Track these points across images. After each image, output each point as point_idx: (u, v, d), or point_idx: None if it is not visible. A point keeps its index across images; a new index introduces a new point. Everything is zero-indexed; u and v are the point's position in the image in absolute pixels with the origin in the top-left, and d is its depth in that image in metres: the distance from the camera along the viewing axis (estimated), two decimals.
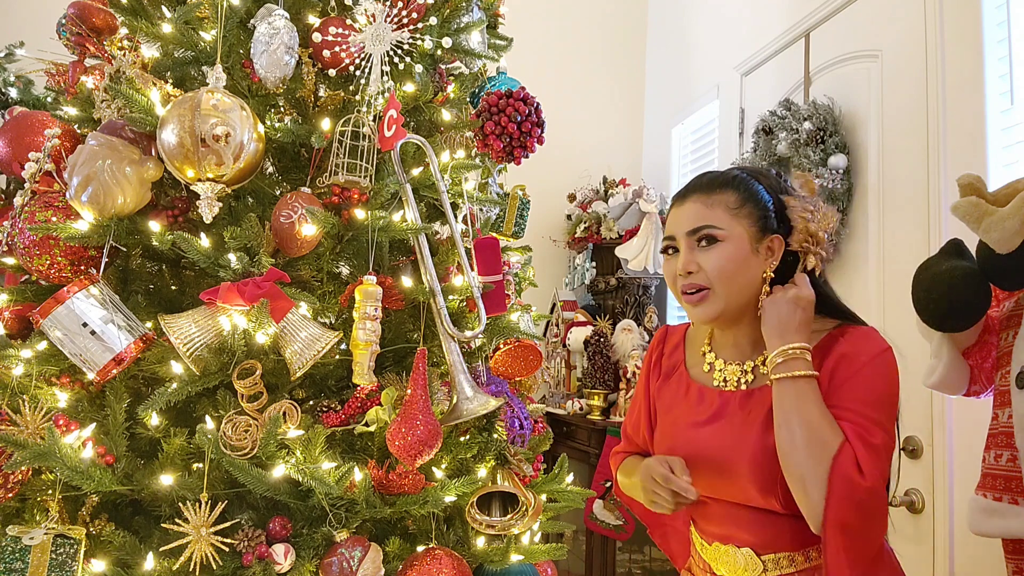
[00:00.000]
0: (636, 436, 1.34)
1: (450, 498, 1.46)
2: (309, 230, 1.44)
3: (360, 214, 1.51)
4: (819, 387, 1.06)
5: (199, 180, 1.39)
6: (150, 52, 1.66)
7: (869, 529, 1.00)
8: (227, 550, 1.29)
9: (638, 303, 3.54)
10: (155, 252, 1.55)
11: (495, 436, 1.57)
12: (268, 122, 1.51)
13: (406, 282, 1.56)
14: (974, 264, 1.31)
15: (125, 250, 1.55)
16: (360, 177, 1.50)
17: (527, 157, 1.77)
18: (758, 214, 1.12)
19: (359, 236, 1.52)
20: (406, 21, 1.56)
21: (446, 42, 1.66)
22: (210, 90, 1.40)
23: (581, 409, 3.31)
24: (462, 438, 1.57)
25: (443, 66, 1.89)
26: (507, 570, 1.53)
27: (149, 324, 1.45)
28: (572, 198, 3.88)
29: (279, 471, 1.33)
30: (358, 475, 1.38)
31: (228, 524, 1.31)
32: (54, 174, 1.49)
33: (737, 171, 1.17)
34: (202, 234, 1.48)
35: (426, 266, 1.52)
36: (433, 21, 1.63)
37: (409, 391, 1.39)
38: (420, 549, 1.45)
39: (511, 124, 1.71)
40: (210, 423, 1.38)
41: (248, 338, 1.39)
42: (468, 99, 1.89)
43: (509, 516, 1.54)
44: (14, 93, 2.89)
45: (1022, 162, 1.83)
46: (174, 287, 1.59)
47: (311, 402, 1.53)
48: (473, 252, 1.58)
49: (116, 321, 1.37)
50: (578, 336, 3.48)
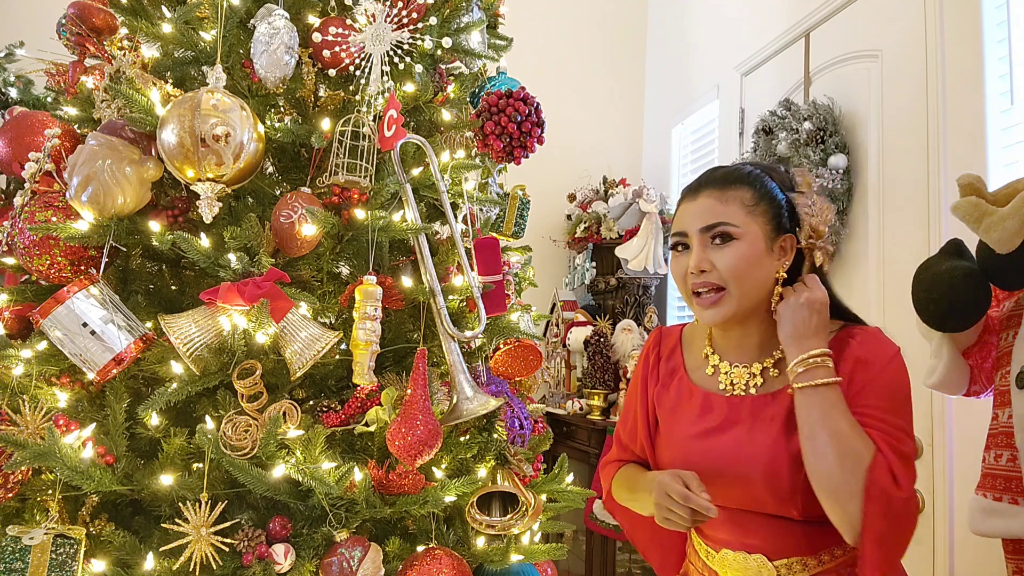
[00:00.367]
0: (632, 444, 1.27)
1: (450, 498, 1.46)
2: (309, 230, 1.44)
3: (360, 214, 1.51)
4: None
5: (199, 180, 1.39)
6: (150, 52, 1.66)
7: (904, 538, 0.99)
8: (227, 550, 1.29)
9: (638, 303, 3.55)
10: (155, 252, 1.55)
11: (495, 436, 1.57)
12: (268, 122, 1.50)
13: (406, 282, 1.56)
14: (974, 264, 1.31)
15: (125, 250, 1.55)
16: (360, 177, 1.50)
17: (527, 157, 1.77)
18: (772, 212, 1.09)
19: (359, 236, 1.52)
20: (406, 21, 1.56)
21: (446, 42, 1.66)
22: (210, 90, 1.40)
23: (581, 409, 3.31)
24: (462, 438, 1.57)
25: (443, 66, 1.89)
26: (507, 570, 1.53)
27: (149, 324, 1.45)
28: (572, 198, 3.88)
29: (279, 471, 1.33)
30: (358, 475, 1.38)
31: (228, 524, 1.31)
32: (54, 174, 1.49)
33: (750, 167, 1.13)
34: (202, 234, 1.48)
35: (426, 266, 1.52)
36: (433, 21, 1.63)
37: (409, 391, 1.39)
38: (420, 549, 1.45)
39: (511, 124, 1.71)
40: (210, 423, 1.37)
41: (248, 338, 1.39)
42: (468, 99, 1.89)
43: (509, 516, 1.54)
44: (14, 93, 2.89)
45: (1022, 162, 1.83)
46: (174, 287, 1.59)
47: (311, 402, 1.53)
48: (473, 252, 1.58)
49: (116, 321, 1.37)
50: (578, 336, 3.48)
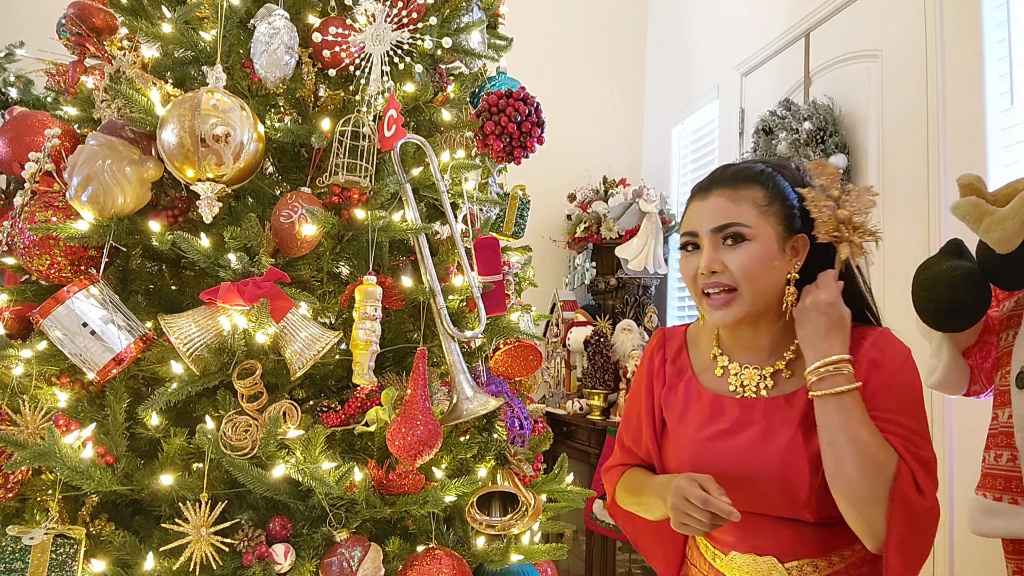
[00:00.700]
0: (637, 448, 1.24)
1: (450, 498, 1.46)
2: (309, 230, 1.44)
3: (360, 214, 1.51)
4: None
5: (199, 180, 1.39)
6: (150, 52, 1.66)
7: (927, 547, 0.99)
8: (227, 550, 1.29)
9: (638, 303, 3.55)
10: (155, 252, 1.55)
11: (495, 436, 1.57)
12: (268, 122, 1.50)
13: (406, 282, 1.56)
14: (974, 264, 1.31)
15: (125, 250, 1.55)
16: (360, 177, 1.50)
17: (527, 157, 1.77)
18: (785, 212, 1.07)
19: (359, 236, 1.52)
20: (406, 21, 1.56)
21: (446, 42, 1.66)
22: (210, 90, 1.40)
23: (581, 409, 3.31)
24: (462, 438, 1.57)
25: (443, 66, 1.89)
26: (507, 570, 1.53)
27: (149, 324, 1.45)
28: (572, 198, 3.88)
29: (279, 471, 1.33)
30: (358, 475, 1.38)
31: (228, 524, 1.31)
32: (54, 174, 1.49)
33: (762, 165, 1.11)
34: (202, 234, 1.48)
35: (426, 266, 1.51)
36: (433, 21, 1.63)
37: (409, 391, 1.39)
38: (420, 549, 1.45)
39: (511, 124, 1.71)
40: (210, 423, 1.37)
41: (248, 338, 1.39)
42: (468, 99, 1.89)
43: (509, 516, 1.54)
44: (14, 93, 2.89)
45: (1022, 162, 1.83)
46: (174, 287, 1.59)
47: (311, 402, 1.53)
48: (473, 252, 1.58)
49: (116, 321, 1.37)
50: (578, 336, 3.48)
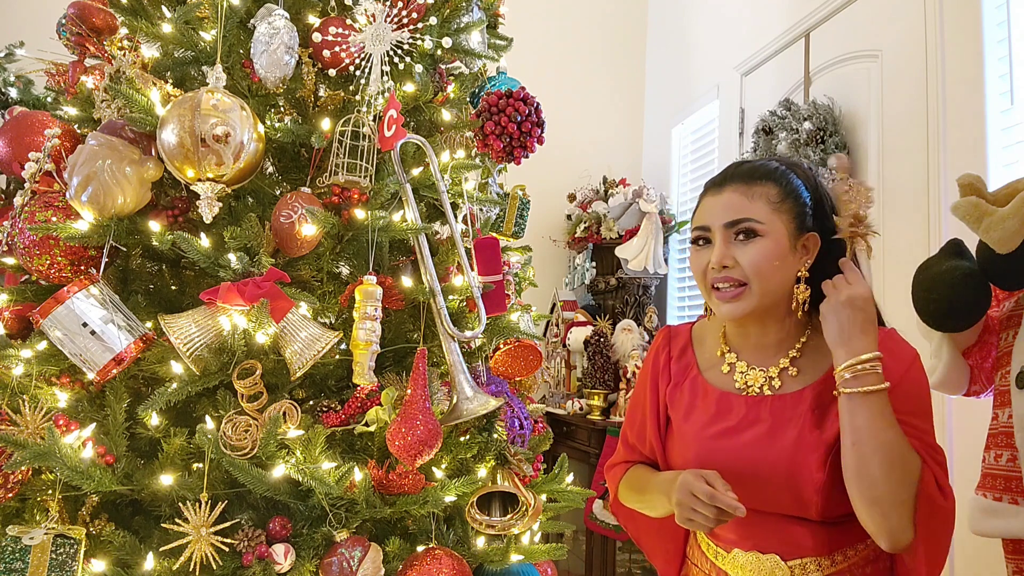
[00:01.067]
0: (641, 446, 1.24)
1: (450, 498, 1.46)
2: (309, 230, 1.44)
3: (360, 214, 1.51)
4: None
5: (199, 180, 1.39)
6: (150, 52, 1.66)
7: (947, 546, 1.00)
8: (227, 550, 1.29)
9: (638, 303, 3.55)
10: (155, 252, 1.55)
11: (495, 436, 1.57)
12: (268, 122, 1.50)
13: (406, 282, 1.56)
14: (974, 264, 1.31)
15: (125, 250, 1.55)
16: (360, 177, 1.50)
17: (527, 157, 1.77)
18: (797, 210, 1.07)
19: (359, 236, 1.52)
20: (406, 21, 1.56)
21: (446, 42, 1.66)
22: (210, 90, 1.40)
23: (581, 409, 3.31)
24: (462, 438, 1.57)
25: (443, 66, 1.89)
26: (507, 570, 1.53)
27: (149, 324, 1.45)
28: (572, 198, 3.88)
29: (279, 471, 1.33)
30: (358, 475, 1.38)
31: (228, 524, 1.31)
32: (54, 174, 1.49)
33: (776, 162, 1.12)
34: (202, 234, 1.48)
35: (426, 266, 1.52)
36: (433, 21, 1.63)
37: (409, 391, 1.39)
38: (420, 549, 1.45)
39: (511, 124, 1.71)
40: (210, 423, 1.37)
41: (248, 338, 1.39)
42: (468, 99, 1.89)
43: (509, 516, 1.54)
44: (14, 93, 2.89)
45: (1022, 162, 1.83)
46: (174, 287, 1.59)
47: (311, 402, 1.53)
48: (473, 252, 1.58)
49: (116, 321, 1.37)
50: (578, 336, 3.48)
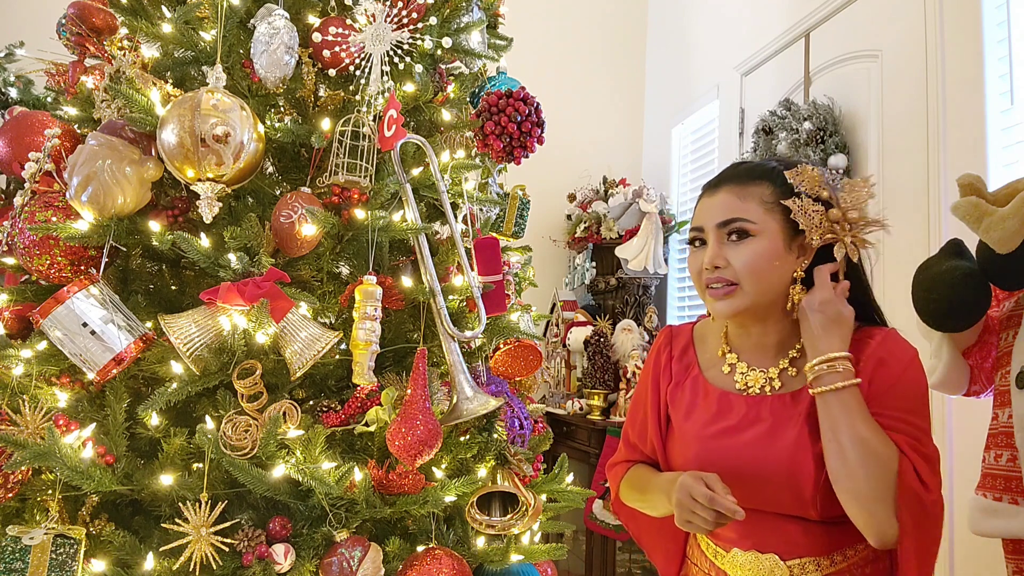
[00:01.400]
0: (642, 445, 1.24)
1: (450, 498, 1.46)
2: (309, 230, 1.44)
3: (360, 214, 1.51)
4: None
5: (199, 180, 1.39)
6: (150, 52, 1.66)
7: (936, 539, 1.00)
8: (227, 550, 1.29)
9: (638, 303, 3.55)
10: (155, 252, 1.55)
11: (495, 436, 1.57)
12: (268, 122, 1.50)
13: (406, 282, 1.56)
14: (974, 264, 1.31)
15: (125, 250, 1.55)
16: (360, 177, 1.50)
17: (527, 157, 1.77)
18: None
19: (359, 236, 1.52)
20: (406, 21, 1.56)
21: (446, 42, 1.66)
22: (210, 90, 1.40)
23: (581, 409, 3.31)
24: (462, 438, 1.57)
25: (443, 66, 1.89)
26: (507, 570, 1.53)
27: (149, 324, 1.45)
28: (572, 198, 3.88)
29: (279, 471, 1.33)
30: (358, 475, 1.38)
31: (228, 524, 1.31)
32: (54, 174, 1.49)
33: (774, 163, 1.12)
34: (202, 234, 1.48)
35: (426, 266, 1.52)
36: (433, 21, 1.63)
37: (409, 391, 1.39)
38: (420, 549, 1.45)
39: (511, 124, 1.71)
40: (210, 423, 1.37)
41: (248, 338, 1.39)
42: (468, 99, 1.89)
43: (509, 516, 1.54)
44: (14, 93, 2.89)
45: (1022, 162, 1.83)
46: (174, 287, 1.59)
47: (311, 402, 1.53)
48: (473, 252, 1.58)
49: (116, 321, 1.37)
50: (578, 336, 3.48)
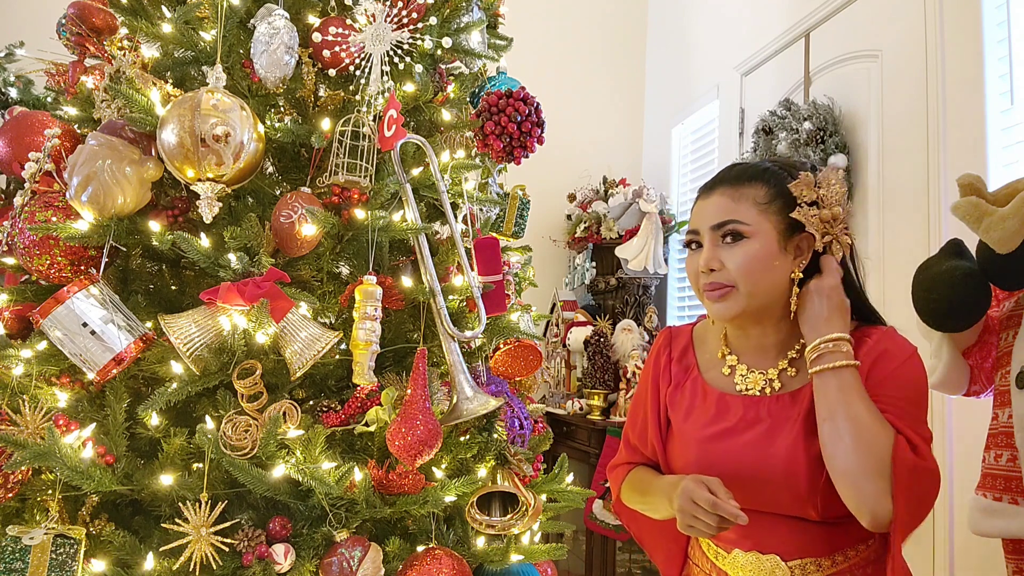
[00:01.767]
0: (643, 447, 1.24)
1: (450, 498, 1.46)
2: (309, 230, 1.44)
3: (360, 214, 1.51)
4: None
5: (199, 180, 1.39)
6: (150, 52, 1.66)
7: (927, 503, 0.98)
8: (227, 550, 1.29)
9: (638, 303, 3.55)
10: (155, 252, 1.55)
11: (495, 436, 1.57)
12: (268, 122, 1.50)
13: (406, 282, 1.56)
14: (974, 264, 1.31)
15: (125, 250, 1.55)
16: (360, 177, 1.50)
17: (527, 157, 1.77)
18: (788, 210, 1.06)
19: (359, 236, 1.52)
20: (406, 21, 1.56)
21: (446, 42, 1.66)
22: (210, 90, 1.40)
23: (581, 409, 3.31)
24: (462, 438, 1.57)
25: (443, 66, 1.89)
26: (507, 570, 1.53)
27: (149, 324, 1.45)
28: (572, 198, 3.88)
29: (279, 471, 1.33)
30: (358, 475, 1.38)
31: (228, 524, 1.31)
32: (54, 174, 1.49)
33: (769, 163, 1.12)
34: (202, 234, 1.48)
35: (426, 266, 1.52)
36: (433, 21, 1.63)
37: (409, 391, 1.39)
38: (420, 549, 1.45)
39: (511, 124, 1.71)
40: (210, 423, 1.37)
41: (248, 338, 1.39)
42: (468, 99, 1.89)
43: (509, 516, 1.54)
44: (14, 93, 2.89)
45: (1022, 162, 1.83)
46: (174, 287, 1.59)
47: (311, 402, 1.53)
48: (473, 252, 1.58)
49: (116, 321, 1.37)
50: (578, 336, 3.48)
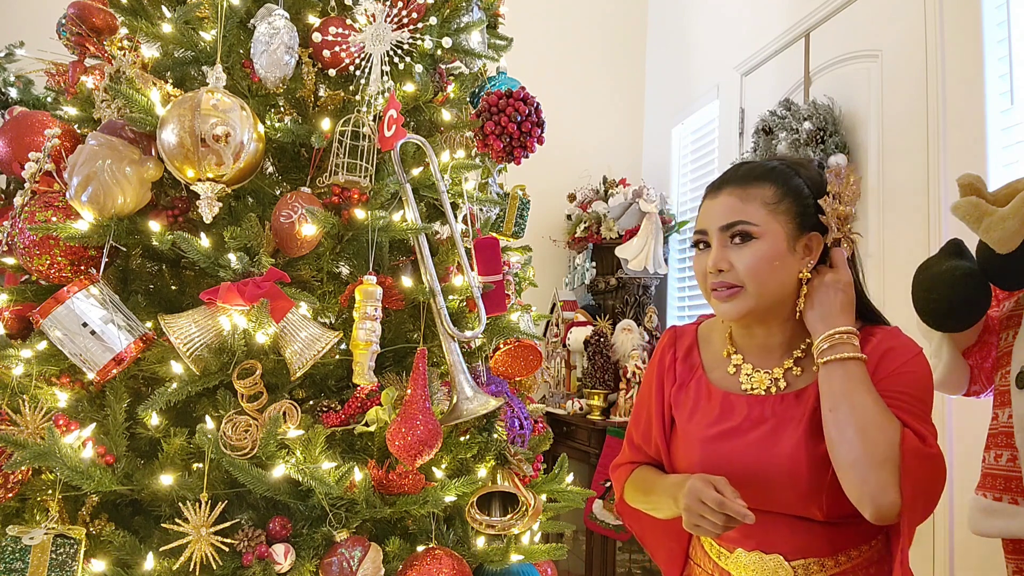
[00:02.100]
0: (646, 446, 1.24)
1: (450, 498, 1.46)
2: (309, 230, 1.44)
3: (360, 214, 1.51)
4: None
5: (199, 180, 1.39)
6: (150, 52, 1.66)
7: (936, 491, 1.00)
8: (227, 550, 1.29)
9: (638, 303, 3.55)
10: (155, 252, 1.55)
11: (495, 436, 1.57)
12: (268, 122, 1.50)
13: (406, 282, 1.56)
14: (974, 264, 1.31)
15: (125, 250, 1.55)
16: (360, 177, 1.50)
17: (527, 157, 1.77)
18: (797, 210, 1.06)
19: (359, 236, 1.52)
20: (406, 21, 1.56)
21: (446, 42, 1.66)
22: (210, 90, 1.40)
23: (581, 409, 3.31)
24: (462, 438, 1.57)
25: (443, 66, 1.89)
26: (507, 570, 1.53)
27: (149, 324, 1.44)
28: (572, 198, 3.88)
29: (279, 471, 1.33)
30: (358, 475, 1.38)
31: (228, 524, 1.31)
32: (54, 174, 1.49)
33: (777, 162, 1.11)
34: (202, 234, 1.48)
35: (426, 266, 1.52)
36: (433, 21, 1.63)
37: (409, 391, 1.39)
38: (420, 549, 1.45)
39: (511, 124, 1.71)
40: (210, 423, 1.37)
41: (248, 338, 1.39)
42: (468, 99, 1.89)
43: (509, 516, 1.54)
44: (14, 93, 2.89)
45: (1022, 162, 1.83)
46: (174, 287, 1.59)
47: (311, 402, 1.53)
48: (473, 252, 1.58)
49: (116, 321, 1.37)
50: (578, 336, 3.48)
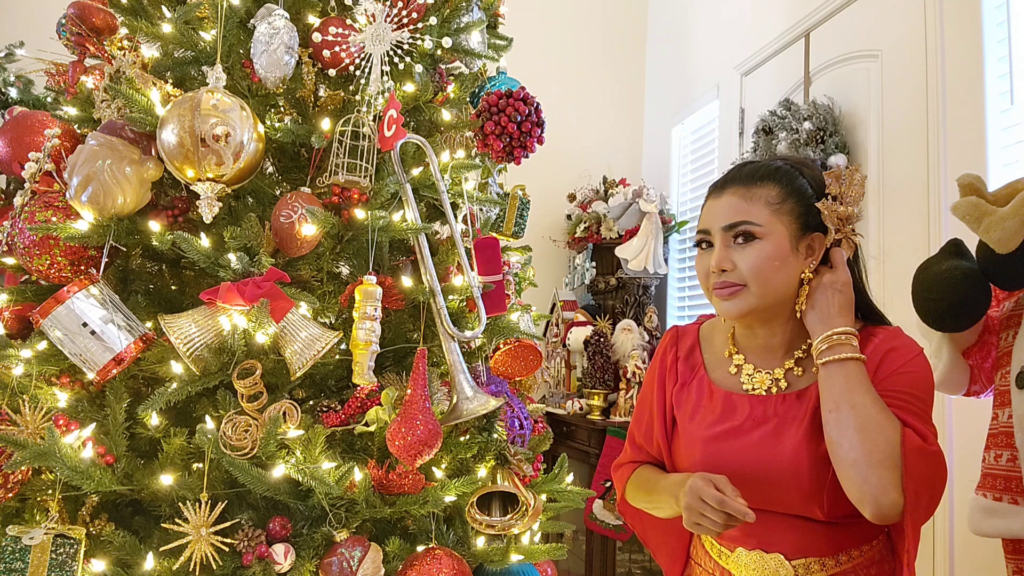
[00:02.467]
0: (648, 446, 1.24)
1: (450, 498, 1.46)
2: (309, 230, 1.44)
3: (360, 214, 1.51)
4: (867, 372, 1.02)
5: (199, 180, 1.39)
6: (150, 52, 1.66)
7: (938, 489, 1.00)
8: (227, 550, 1.29)
9: (638, 303, 3.55)
10: (155, 252, 1.55)
11: (495, 436, 1.57)
12: (268, 122, 1.50)
13: (406, 282, 1.56)
14: (974, 264, 1.31)
15: (125, 250, 1.55)
16: (360, 177, 1.50)
17: (527, 157, 1.77)
18: (800, 210, 1.06)
19: (359, 236, 1.52)
20: (406, 21, 1.56)
21: (446, 42, 1.66)
22: (210, 90, 1.40)
23: (581, 409, 3.31)
24: (462, 438, 1.57)
25: (443, 66, 1.89)
26: (507, 570, 1.53)
27: (149, 324, 1.45)
28: (572, 198, 3.88)
29: (279, 471, 1.33)
30: (358, 475, 1.38)
31: (228, 524, 1.31)
32: (54, 174, 1.49)
33: (780, 162, 1.11)
34: (202, 234, 1.48)
35: (426, 266, 1.52)
36: (433, 21, 1.63)
37: (409, 391, 1.39)
38: (420, 549, 1.45)
39: (511, 124, 1.71)
40: (210, 423, 1.37)
41: (248, 338, 1.39)
42: (468, 99, 1.89)
43: (509, 516, 1.54)
44: (14, 93, 2.89)
45: (1022, 162, 1.83)
46: (174, 287, 1.59)
47: (311, 402, 1.53)
48: (473, 252, 1.58)
49: (116, 321, 1.37)
50: (578, 336, 3.48)
